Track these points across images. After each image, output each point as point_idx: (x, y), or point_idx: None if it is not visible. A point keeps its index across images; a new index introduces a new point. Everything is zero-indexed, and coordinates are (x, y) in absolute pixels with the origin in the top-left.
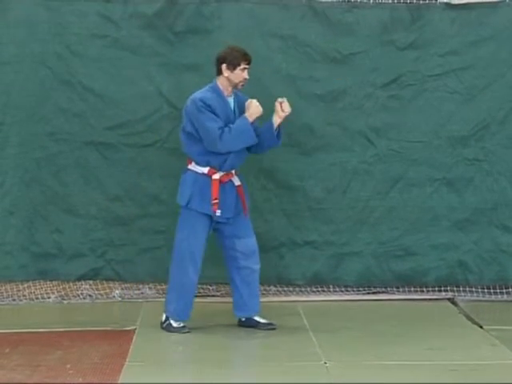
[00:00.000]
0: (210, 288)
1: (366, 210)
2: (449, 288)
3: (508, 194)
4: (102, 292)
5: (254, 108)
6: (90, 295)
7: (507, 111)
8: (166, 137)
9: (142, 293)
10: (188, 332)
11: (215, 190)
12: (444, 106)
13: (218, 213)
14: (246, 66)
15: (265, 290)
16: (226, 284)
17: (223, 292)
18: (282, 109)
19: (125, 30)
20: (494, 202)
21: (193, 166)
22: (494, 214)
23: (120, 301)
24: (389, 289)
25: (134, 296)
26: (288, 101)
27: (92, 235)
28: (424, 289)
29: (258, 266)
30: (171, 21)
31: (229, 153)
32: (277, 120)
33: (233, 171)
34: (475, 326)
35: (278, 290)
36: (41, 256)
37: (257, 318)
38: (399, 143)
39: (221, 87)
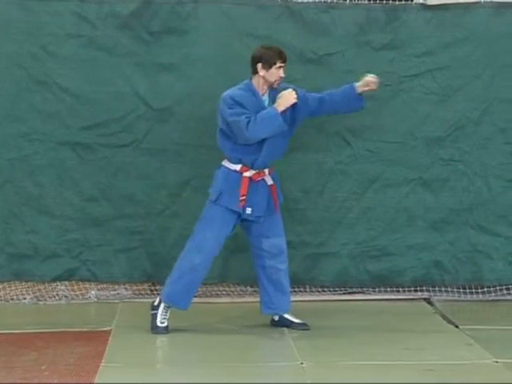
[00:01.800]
0: None
1: (343, 211)
2: (425, 288)
3: (483, 194)
4: (77, 293)
5: (283, 99)
6: (65, 296)
7: (482, 112)
8: (141, 137)
9: (117, 293)
10: (166, 333)
11: (244, 187)
12: (420, 106)
13: (249, 211)
14: (282, 65)
15: (241, 290)
16: (203, 285)
17: (200, 293)
18: (372, 80)
19: (100, 29)
20: (469, 202)
21: (226, 163)
22: (469, 214)
23: (96, 301)
24: (365, 289)
25: (110, 297)
26: None
27: (67, 236)
28: (400, 289)
29: (284, 266)
30: (147, 21)
31: (260, 150)
32: (359, 86)
33: (265, 170)
34: (451, 326)
35: (254, 291)
36: (16, 257)
37: (290, 318)
38: (375, 144)
39: (255, 86)
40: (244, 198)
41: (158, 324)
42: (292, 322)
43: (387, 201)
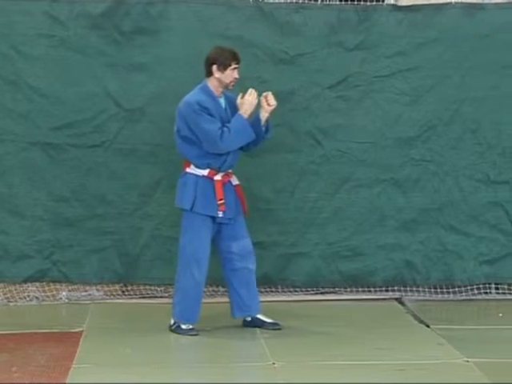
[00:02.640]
0: (158, 289)
1: (314, 211)
2: (396, 288)
3: (454, 194)
4: (48, 294)
5: (247, 105)
6: (36, 297)
7: (453, 112)
8: (113, 137)
9: (89, 294)
10: (196, 334)
11: (220, 191)
12: (391, 106)
13: (221, 214)
14: (236, 66)
15: (213, 290)
16: (174, 285)
17: (171, 293)
18: (268, 103)
19: (71, 29)
20: (440, 202)
21: (192, 169)
22: (440, 214)
23: (67, 303)
24: (337, 289)
25: (81, 298)
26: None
27: (38, 236)
28: (371, 289)
29: (253, 266)
30: (118, 21)
31: (228, 153)
32: (264, 115)
33: (230, 171)
34: (422, 326)
35: (226, 291)
36: None
37: (262, 318)
38: (347, 144)
39: (211, 88)
40: (222, 201)
41: (184, 328)
42: (264, 321)
43: (359, 201)
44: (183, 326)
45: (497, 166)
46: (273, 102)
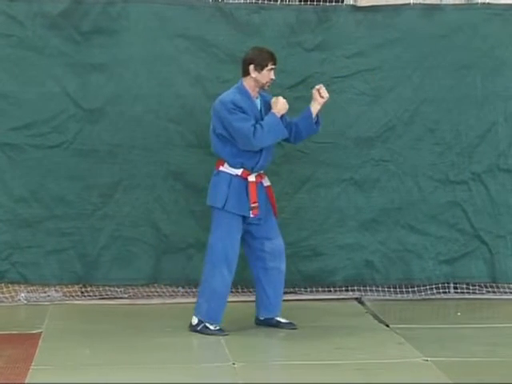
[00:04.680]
0: (118, 290)
1: None
2: (356, 288)
3: (413, 194)
4: (7, 295)
5: (281, 105)
6: None
7: (412, 112)
8: (72, 138)
9: (48, 295)
10: (226, 335)
11: (254, 194)
12: (351, 107)
13: (252, 214)
14: (273, 67)
15: (173, 291)
16: (134, 286)
17: (131, 294)
18: (321, 95)
19: (30, 29)
20: (399, 202)
21: (226, 168)
22: (399, 214)
23: (26, 304)
24: (297, 289)
25: (40, 299)
26: (195, 101)
27: None
28: (331, 289)
29: (284, 267)
30: (77, 21)
31: (260, 153)
32: (316, 107)
33: (262, 172)
34: (382, 325)
35: (186, 292)
36: None
37: (277, 318)
38: (306, 144)
39: (247, 88)
40: (256, 205)
41: (212, 328)
42: (279, 321)
43: (319, 201)
44: (211, 327)
45: (455, 165)
46: (326, 94)
